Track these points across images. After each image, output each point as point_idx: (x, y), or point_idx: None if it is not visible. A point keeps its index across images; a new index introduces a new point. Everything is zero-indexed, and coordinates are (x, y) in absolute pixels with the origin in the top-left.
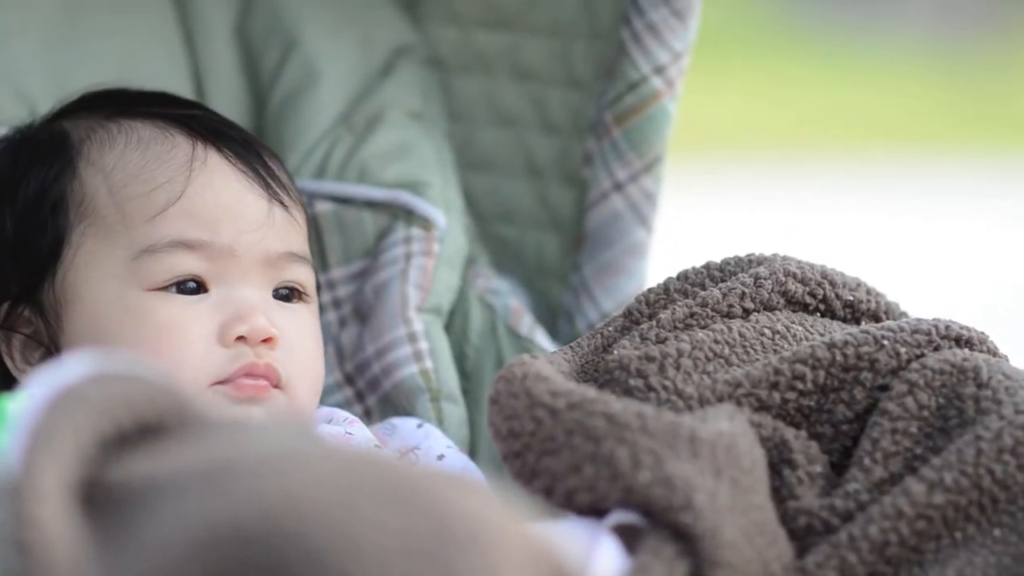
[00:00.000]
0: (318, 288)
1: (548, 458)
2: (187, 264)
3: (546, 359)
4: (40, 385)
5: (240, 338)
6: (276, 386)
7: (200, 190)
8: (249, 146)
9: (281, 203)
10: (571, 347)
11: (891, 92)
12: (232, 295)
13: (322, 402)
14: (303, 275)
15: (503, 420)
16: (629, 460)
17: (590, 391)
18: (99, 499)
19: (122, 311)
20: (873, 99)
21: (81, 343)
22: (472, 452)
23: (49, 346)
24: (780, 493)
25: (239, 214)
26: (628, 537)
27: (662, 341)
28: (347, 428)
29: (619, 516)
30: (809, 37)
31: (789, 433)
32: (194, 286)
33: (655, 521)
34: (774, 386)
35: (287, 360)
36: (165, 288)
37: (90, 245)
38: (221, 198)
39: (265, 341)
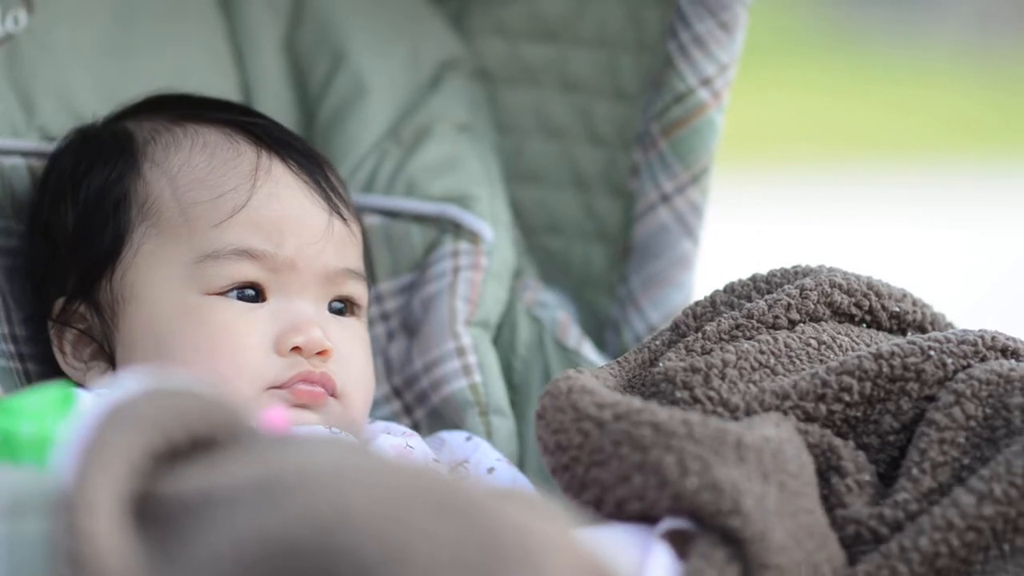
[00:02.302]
0: (367, 301)
1: (597, 469)
2: (248, 272)
3: (592, 373)
4: (95, 400)
5: (295, 349)
6: (332, 394)
7: (265, 200)
8: (312, 157)
9: (340, 216)
10: (618, 362)
11: (933, 99)
12: (289, 306)
13: (371, 415)
14: (357, 291)
15: (550, 434)
16: (676, 467)
17: (635, 401)
18: (151, 512)
19: (181, 312)
20: (916, 106)
21: (136, 341)
22: (521, 464)
23: (102, 342)
24: (828, 501)
25: (302, 226)
26: (679, 543)
27: (708, 352)
28: (407, 440)
29: (670, 523)
30: (852, 44)
31: (837, 441)
32: (253, 294)
33: (705, 526)
34: (821, 398)
35: (341, 372)
36: (224, 293)
37: (151, 245)
38: (285, 209)
39: (320, 353)
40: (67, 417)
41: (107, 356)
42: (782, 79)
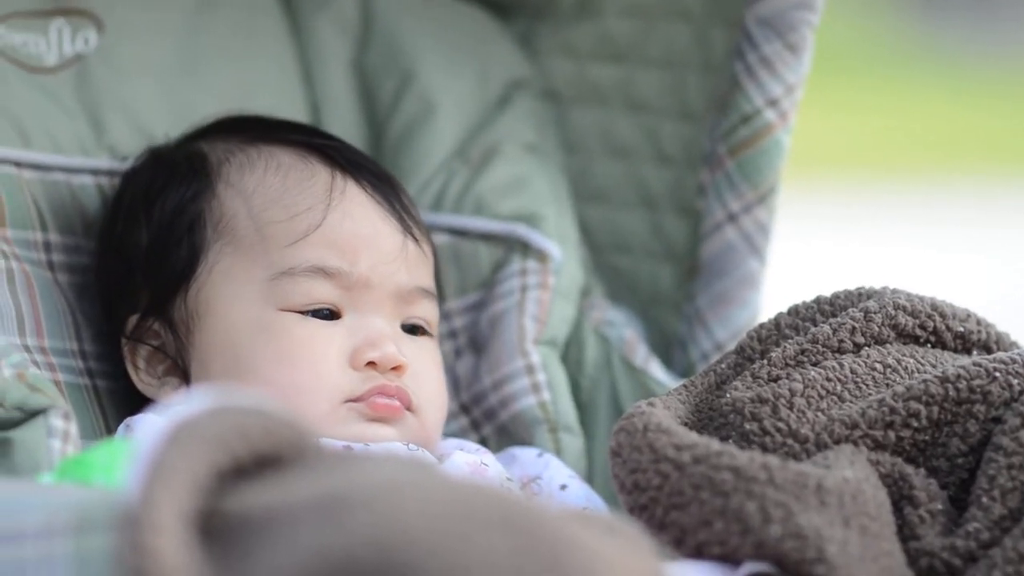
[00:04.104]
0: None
1: (676, 512)
2: (323, 290)
3: (662, 403)
4: (160, 417)
5: (370, 364)
6: (408, 408)
7: (339, 219)
8: (385, 178)
9: (414, 237)
10: (685, 386)
11: (1018, 113)
12: (364, 323)
13: None
14: (429, 311)
15: (627, 473)
16: (759, 514)
17: (714, 443)
18: (216, 529)
19: (257, 328)
20: (999, 120)
21: (211, 357)
22: (589, 482)
23: (176, 359)
24: (902, 532)
25: (376, 245)
26: None
27: (774, 380)
28: (481, 458)
29: (752, 567)
30: (939, 56)
31: (909, 469)
32: (328, 313)
33: (788, 573)
34: (889, 425)
35: (415, 387)
36: (301, 313)
37: (227, 263)
38: (359, 228)
39: (395, 369)
40: None
41: (181, 372)
42: (867, 89)
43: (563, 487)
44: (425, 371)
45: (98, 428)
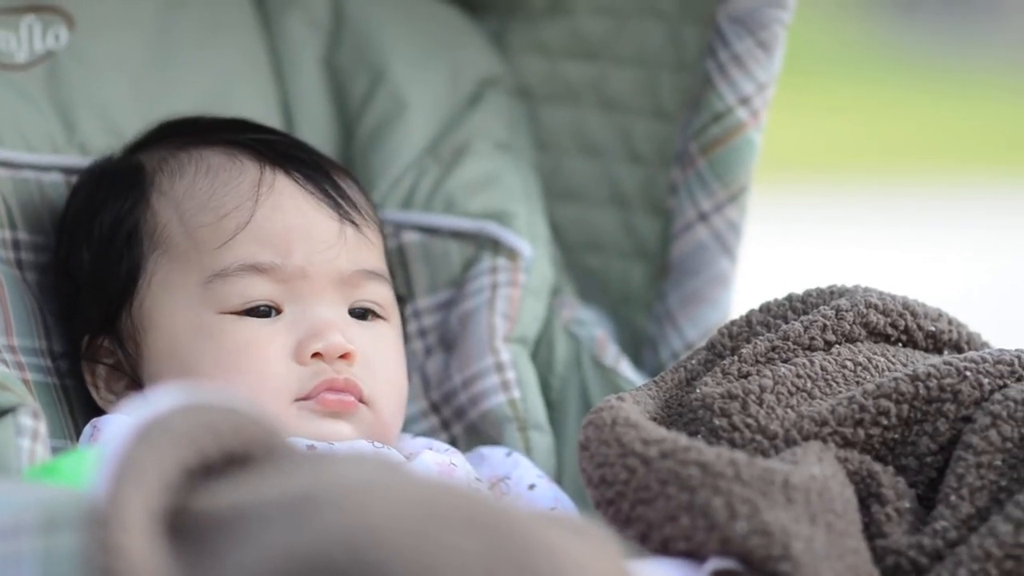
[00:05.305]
0: (403, 315)
1: (642, 507)
2: (259, 287)
3: (631, 398)
4: (127, 416)
5: (317, 355)
6: (361, 400)
7: (269, 214)
8: (319, 167)
9: (352, 222)
10: (655, 382)
11: (989, 114)
12: (306, 313)
13: (408, 430)
14: (379, 293)
15: (595, 467)
16: (725, 510)
17: (682, 438)
18: (184, 527)
19: (197, 333)
20: (971, 122)
21: (160, 368)
22: (559, 480)
23: (131, 375)
24: (869, 530)
25: (309, 235)
26: None
27: (744, 376)
28: (451, 458)
29: (717, 562)
30: (906, 56)
31: (877, 467)
32: (266, 309)
33: (754, 570)
34: (859, 423)
35: (367, 376)
36: (239, 313)
37: (164, 273)
38: (290, 220)
39: (342, 357)
40: None
41: (139, 387)
42: (834, 89)
43: (531, 487)
44: (378, 356)
45: (67, 427)
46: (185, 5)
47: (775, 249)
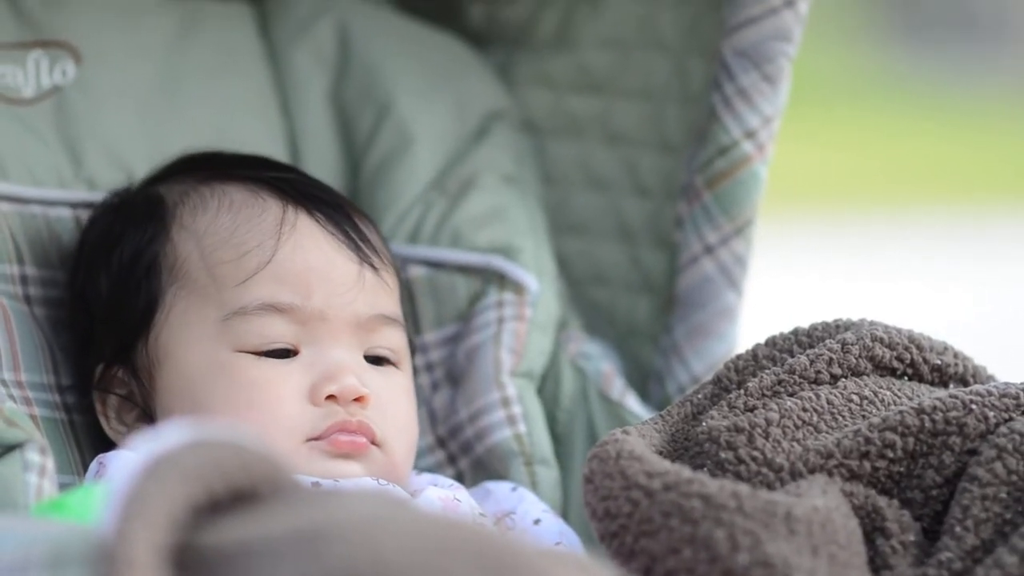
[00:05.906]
0: (412, 350)
1: (646, 540)
2: (277, 327)
3: (637, 432)
4: (136, 452)
5: (330, 398)
6: (373, 442)
7: (290, 254)
8: (340, 208)
9: (371, 266)
10: (661, 416)
11: (998, 144)
12: (322, 356)
13: (414, 464)
14: (394, 339)
15: (599, 500)
16: (727, 542)
17: (685, 471)
18: (191, 564)
19: (213, 370)
20: (979, 152)
21: (173, 402)
22: (564, 515)
23: (144, 407)
24: (874, 563)
25: (329, 277)
26: None
27: (751, 410)
28: (455, 493)
29: None
30: (914, 86)
31: (882, 501)
32: (284, 351)
33: None
34: (864, 455)
35: (380, 419)
36: (255, 353)
37: (182, 307)
38: (311, 261)
39: (356, 400)
40: None
41: (150, 419)
42: (843, 120)
43: (537, 521)
44: (392, 402)
45: (74, 463)
46: (191, 40)
47: (781, 279)
